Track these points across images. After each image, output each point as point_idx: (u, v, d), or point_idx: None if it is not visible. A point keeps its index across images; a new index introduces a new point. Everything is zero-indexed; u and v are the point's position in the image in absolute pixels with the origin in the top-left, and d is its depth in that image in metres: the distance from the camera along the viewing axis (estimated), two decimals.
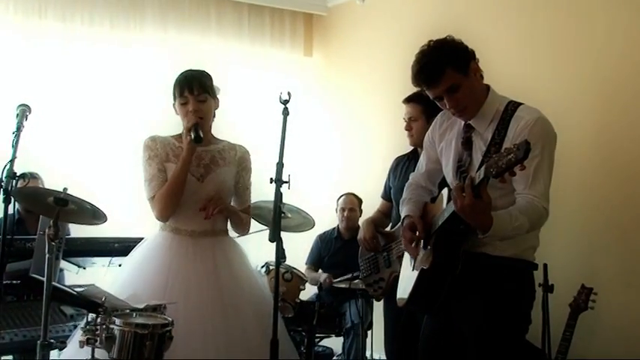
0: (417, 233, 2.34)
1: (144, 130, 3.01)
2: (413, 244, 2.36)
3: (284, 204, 3.82)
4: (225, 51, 5.45)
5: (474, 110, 2.27)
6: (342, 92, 5.66)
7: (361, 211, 4.81)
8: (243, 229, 2.87)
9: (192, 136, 2.62)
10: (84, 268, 3.51)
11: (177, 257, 2.66)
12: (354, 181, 5.21)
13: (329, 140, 5.79)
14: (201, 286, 2.59)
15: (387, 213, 3.45)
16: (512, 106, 2.25)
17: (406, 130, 3.26)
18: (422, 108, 3.17)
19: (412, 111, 3.23)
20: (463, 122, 2.34)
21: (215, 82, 2.78)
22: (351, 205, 4.82)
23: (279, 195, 2.47)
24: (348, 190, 4.94)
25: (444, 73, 2.18)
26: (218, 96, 2.79)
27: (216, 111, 2.81)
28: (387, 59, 5.00)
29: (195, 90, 2.66)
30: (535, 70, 3.80)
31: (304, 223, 4.16)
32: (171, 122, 2.83)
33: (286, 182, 2.47)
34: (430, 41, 2.26)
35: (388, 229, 3.38)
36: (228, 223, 2.84)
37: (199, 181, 2.73)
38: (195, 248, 2.69)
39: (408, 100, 3.25)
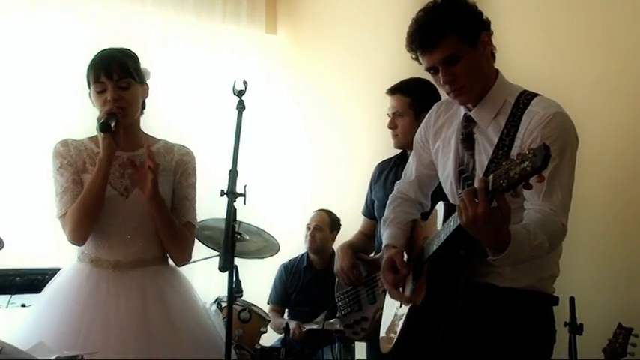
0: (400, 272, 2.36)
1: (55, 131, 3.00)
2: (398, 292, 2.38)
3: (239, 223, 3.91)
4: (163, 25, 5.45)
5: (474, 93, 2.30)
6: (314, 80, 5.69)
7: (334, 232, 4.84)
8: (180, 251, 2.81)
9: (99, 123, 2.57)
10: None
11: (95, 294, 2.63)
12: (329, 195, 5.24)
13: (297, 141, 5.82)
14: (124, 331, 2.56)
15: (369, 234, 3.47)
16: (526, 98, 2.29)
17: (390, 128, 3.28)
18: (409, 100, 3.20)
19: (397, 104, 3.25)
20: (463, 113, 2.37)
21: (145, 65, 2.77)
22: (318, 222, 4.84)
23: (231, 211, 2.46)
24: (322, 206, 4.97)
25: (444, 37, 2.21)
26: (148, 82, 2.78)
27: (149, 103, 2.80)
28: (371, 39, 5.04)
29: (114, 74, 2.65)
30: (555, 59, 3.83)
31: (266, 247, 4.18)
32: (91, 119, 2.81)
33: (241, 195, 2.47)
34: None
35: (373, 254, 3.40)
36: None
37: (123, 196, 2.71)
38: (118, 283, 2.67)
39: (393, 91, 3.28)
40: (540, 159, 1.74)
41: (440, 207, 2.33)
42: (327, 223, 4.84)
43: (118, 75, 2.65)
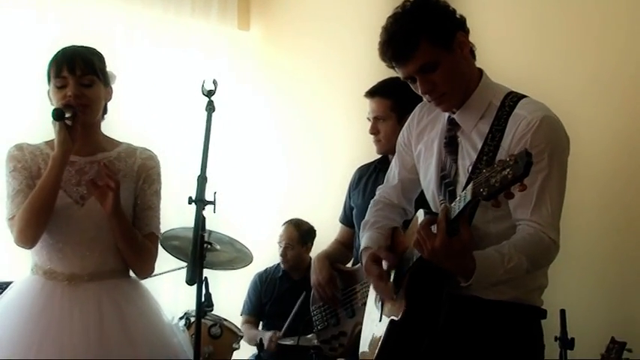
0: (385, 265, 2.36)
1: (9, 136, 2.98)
2: (385, 282, 2.38)
3: (209, 232, 3.90)
4: (128, 20, 5.43)
5: (456, 98, 2.32)
6: (290, 80, 5.70)
7: (306, 245, 4.85)
8: (143, 265, 2.80)
9: (52, 111, 2.55)
10: None
11: (48, 310, 2.60)
12: (305, 201, 5.25)
13: (271, 145, 5.82)
14: (79, 350, 2.53)
15: (347, 243, 3.48)
16: (512, 100, 2.30)
17: (371, 133, 3.29)
18: (390, 103, 3.21)
19: (378, 108, 3.26)
20: (447, 115, 2.38)
21: (109, 62, 2.76)
22: (287, 239, 4.86)
23: (200, 220, 2.46)
24: (297, 214, 4.99)
25: (418, 46, 2.22)
26: (113, 85, 2.77)
27: (112, 103, 2.79)
28: (351, 36, 5.04)
29: (77, 69, 2.64)
30: (544, 60, 3.85)
31: (238, 257, 4.18)
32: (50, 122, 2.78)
33: (211, 203, 2.46)
34: (406, 2, 2.31)
35: (350, 265, 3.41)
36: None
37: (79, 204, 2.68)
38: (73, 297, 2.64)
39: (372, 94, 3.30)
40: (522, 166, 1.74)
41: (420, 215, 2.32)
42: (296, 239, 4.85)
43: (81, 71, 2.64)
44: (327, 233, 3.94)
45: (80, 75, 2.64)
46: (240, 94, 5.73)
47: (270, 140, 5.83)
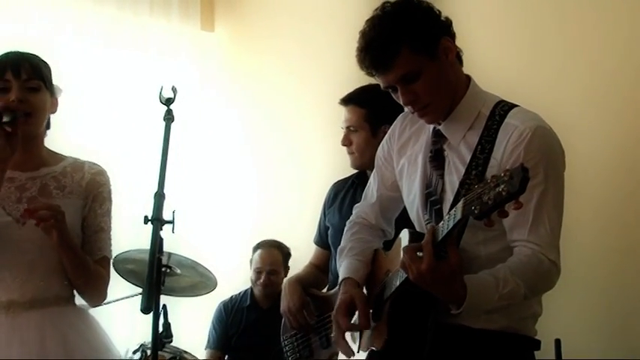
0: (358, 318, 2.36)
1: None
2: (345, 343, 2.41)
3: (169, 254, 3.89)
4: (78, 18, 5.39)
5: (442, 109, 2.33)
6: (259, 86, 5.70)
7: (287, 268, 4.84)
8: (95, 292, 2.80)
9: None
10: None
11: None
12: (277, 221, 5.24)
13: (239, 158, 5.82)
14: None
15: (322, 266, 3.49)
16: (502, 109, 2.31)
17: (343, 144, 3.30)
18: (365, 112, 3.22)
19: (351, 117, 3.27)
20: (432, 126, 2.39)
21: (58, 70, 2.77)
22: (272, 265, 4.83)
23: (157, 241, 2.45)
24: (268, 235, 4.96)
25: (399, 54, 2.23)
26: (59, 98, 2.78)
27: (59, 113, 2.79)
28: (328, 37, 5.04)
29: (23, 72, 2.64)
30: (538, 65, 3.86)
31: (201, 283, 4.18)
32: None
33: (169, 222, 2.46)
34: (385, 4, 2.32)
35: (326, 289, 3.41)
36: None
37: (19, 223, 2.67)
38: (12, 327, 2.62)
39: (346, 101, 3.31)
40: (517, 182, 1.76)
41: (404, 235, 2.34)
42: (281, 263, 4.85)
43: (27, 75, 2.65)
44: (302, 255, 3.94)
45: (26, 79, 2.64)
46: (203, 102, 5.74)
47: (237, 152, 5.82)
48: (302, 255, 3.93)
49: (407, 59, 2.23)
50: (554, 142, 2.29)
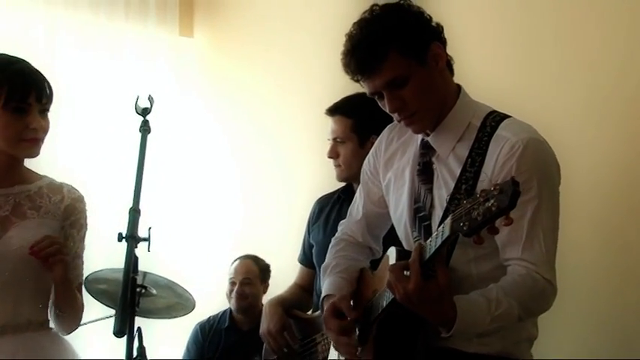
0: (347, 313, 2.37)
1: None
2: (346, 338, 2.39)
3: (144, 274, 3.88)
4: (50, 22, 5.39)
5: (430, 118, 2.34)
6: (241, 94, 5.71)
7: (265, 283, 4.87)
8: (75, 320, 2.82)
9: None
10: None
11: None
12: (259, 238, 5.24)
13: (219, 171, 5.82)
14: None
15: (307, 286, 3.50)
16: (494, 120, 2.33)
17: (329, 157, 3.32)
18: (352, 123, 3.24)
19: (338, 128, 3.29)
20: (420, 138, 2.41)
21: None
22: (245, 274, 4.85)
23: (131, 260, 2.45)
24: (250, 252, 4.98)
25: (386, 57, 2.25)
26: None
27: None
28: (314, 43, 5.05)
29: (44, 97, 2.67)
30: (532, 75, 3.87)
31: (179, 304, 4.16)
32: None
33: (145, 240, 2.46)
34: (374, 6, 2.34)
35: (311, 312, 3.42)
36: (49, 310, 2.79)
37: None
38: None
39: (332, 112, 3.33)
40: (508, 197, 1.77)
41: (391, 253, 2.34)
42: (256, 274, 4.87)
43: (47, 99, 2.69)
44: (287, 275, 3.93)
45: (46, 103, 2.68)
46: (182, 111, 5.74)
47: (217, 165, 5.82)
48: (287, 274, 3.92)
49: (395, 63, 2.25)
50: (548, 155, 2.31)
